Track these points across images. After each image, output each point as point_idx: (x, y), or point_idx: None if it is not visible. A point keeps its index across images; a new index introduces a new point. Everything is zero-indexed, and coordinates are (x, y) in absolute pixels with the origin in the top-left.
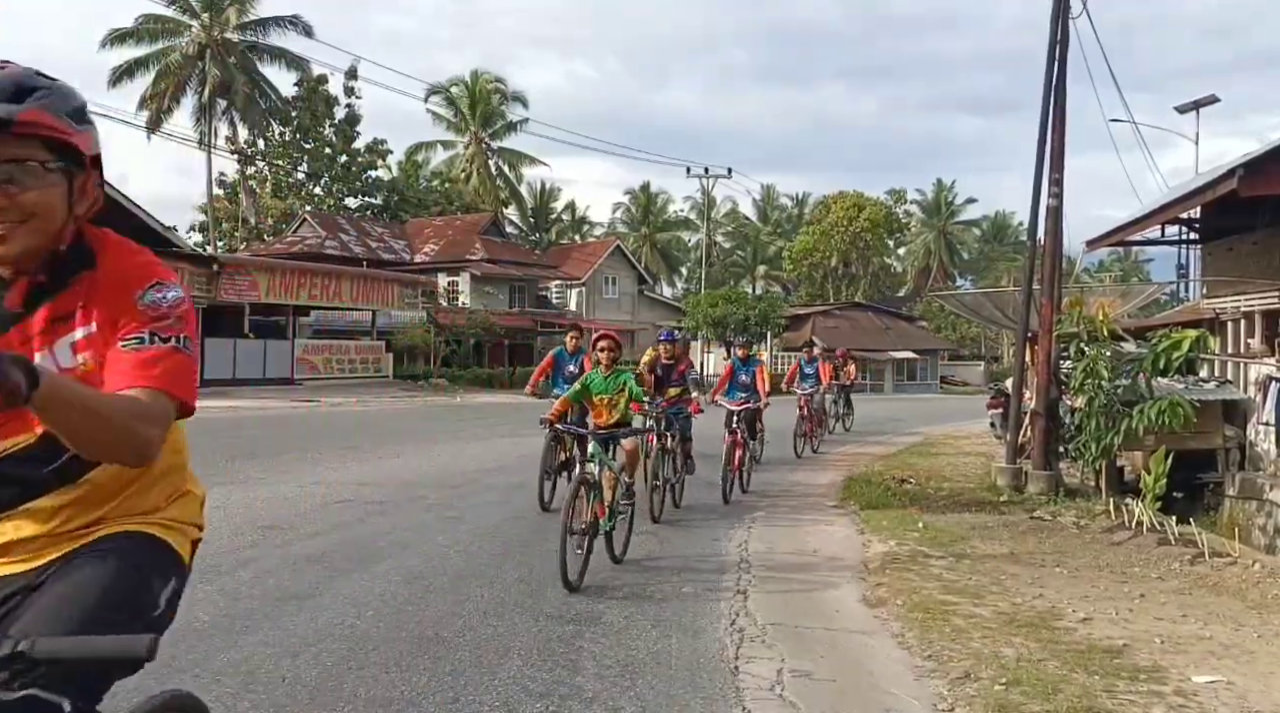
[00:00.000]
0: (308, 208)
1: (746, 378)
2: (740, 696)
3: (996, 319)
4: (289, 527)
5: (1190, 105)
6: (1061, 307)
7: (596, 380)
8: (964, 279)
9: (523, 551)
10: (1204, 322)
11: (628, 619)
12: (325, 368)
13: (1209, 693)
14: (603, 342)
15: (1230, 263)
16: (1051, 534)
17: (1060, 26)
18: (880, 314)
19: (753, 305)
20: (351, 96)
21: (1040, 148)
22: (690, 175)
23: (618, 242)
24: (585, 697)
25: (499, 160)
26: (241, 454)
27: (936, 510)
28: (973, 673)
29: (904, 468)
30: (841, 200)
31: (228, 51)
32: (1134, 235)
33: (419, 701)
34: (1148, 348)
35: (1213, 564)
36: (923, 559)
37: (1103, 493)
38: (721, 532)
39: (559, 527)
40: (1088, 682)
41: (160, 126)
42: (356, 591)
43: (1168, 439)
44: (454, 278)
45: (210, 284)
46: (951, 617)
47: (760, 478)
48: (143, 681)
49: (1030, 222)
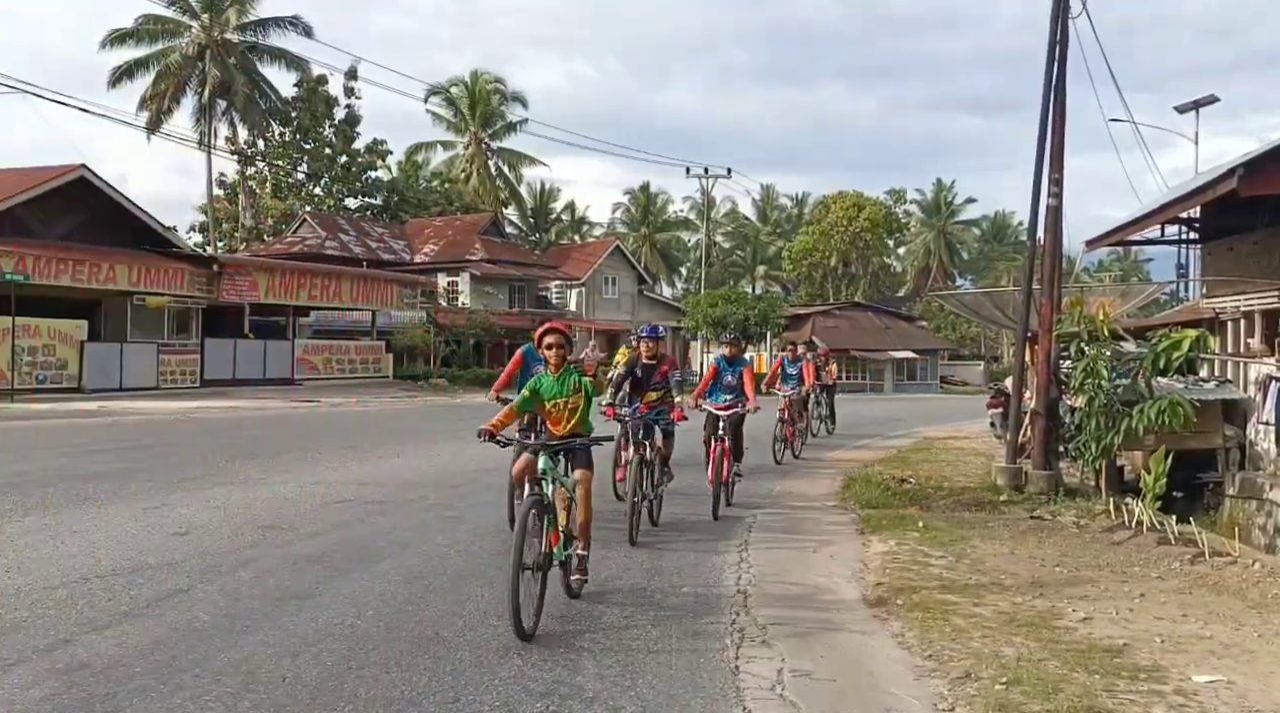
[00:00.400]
0: (308, 208)
1: (732, 379)
2: (740, 695)
3: (996, 319)
4: (289, 527)
5: (1190, 105)
6: (1061, 306)
7: (546, 383)
8: (964, 279)
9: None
10: (1204, 321)
11: (628, 620)
12: (325, 368)
13: (1209, 693)
14: (549, 337)
15: (1230, 262)
16: (1052, 534)
17: (1060, 26)
18: (880, 314)
19: (752, 305)
20: (351, 97)
21: (1040, 147)
22: (690, 175)
23: (617, 242)
24: (586, 697)
25: (499, 160)
26: (241, 454)
27: (937, 510)
28: (973, 673)
29: (904, 468)
30: (841, 200)
31: (228, 52)
32: (1134, 235)
33: (419, 700)
34: (1148, 348)
35: (1213, 564)
36: (923, 559)
37: (1103, 493)
38: (715, 546)
39: None
40: (1088, 681)
41: (160, 127)
42: (357, 590)
43: (1168, 439)
44: (454, 278)
45: (211, 285)
46: (952, 616)
47: (746, 489)
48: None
49: (1030, 221)
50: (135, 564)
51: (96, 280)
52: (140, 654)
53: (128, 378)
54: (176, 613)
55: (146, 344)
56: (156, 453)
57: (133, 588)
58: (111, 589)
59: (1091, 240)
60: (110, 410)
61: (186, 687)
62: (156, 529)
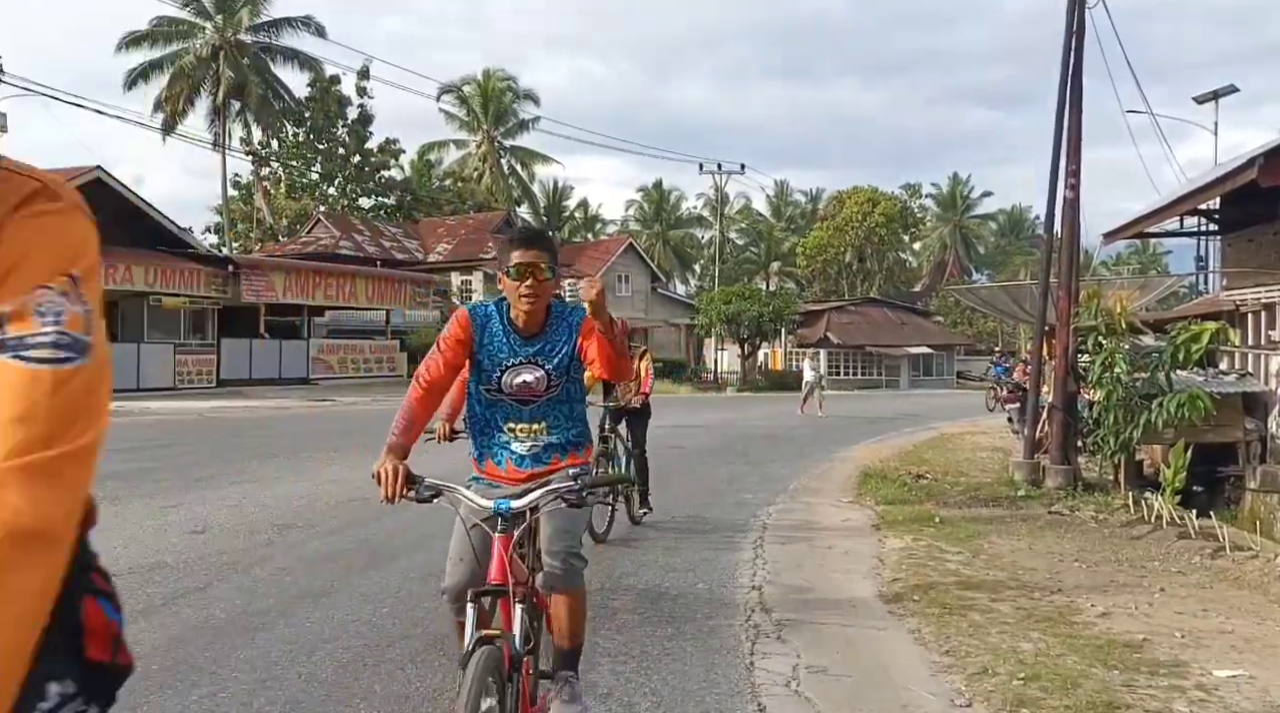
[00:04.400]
0: (321, 208)
1: None
2: (756, 691)
3: (1013, 313)
4: (305, 525)
5: (1209, 95)
6: (1079, 299)
7: None
8: (980, 273)
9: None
10: (1224, 314)
11: (643, 617)
12: (340, 367)
13: (1230, 687)
14: None
15: (1250, 254)
16: (1070, 529)
17: (1077, 16)
18: (895, 310)
19: (766, 302)
20: (364, 96)
21: (1056, 140)
22: (703, 172)
23: (630, 239)
24: (600, 692)
25: (511, 159)
26: (258, 453)
27: (953, 506)
28: (990, 668)
29: (920, 464)
30: (855, 195)
31: (241, 53)
32: (1152, 227)
33: (435, 697)
34: (1166, 341)
35: (1234, 558)
36: (939, 555)
37: (1121, 487)
38: (730, 542)
39: None
40: (1107, 676)
41: (175, 128)
42: (372, 588)
43: (1187, 432)
44: (467, 277)
45: (226, 285)
46: (969, 612)
47: (760, 485)
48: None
49: (1047, 214)
50: (152, 563)
51: (113, 281)
52: (157, 652)
53: (144, 378)
54: (193, 611)
55: (163, 345)
56: (173, 452)
57: (149, 586)
58: (128, 587)
59: (1109, 233)
60: (127, 410)
61: (203, 684)
62: (173, 528)
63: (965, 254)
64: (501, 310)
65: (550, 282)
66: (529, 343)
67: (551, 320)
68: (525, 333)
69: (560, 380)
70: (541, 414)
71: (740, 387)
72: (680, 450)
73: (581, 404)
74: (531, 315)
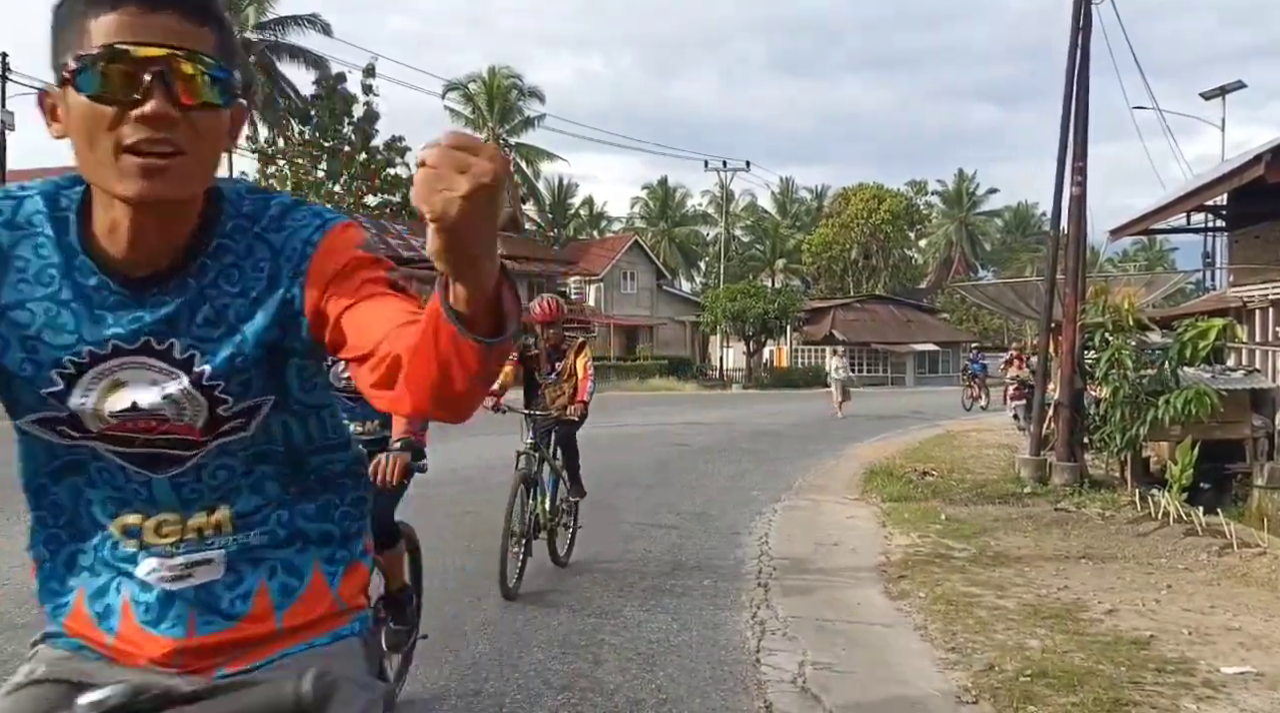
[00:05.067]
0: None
1: None
2: (762, 688)
3: (1019, 310)
4: None
5: (1216, 91)
6: (1085, 296)
7: None
8: (986, 270)
9: (539, 544)
10: (1231, 310)
11: (648, 613)
12: None
13: (1238, 684)
14: None
15: (1258, 250)
16: (1076, 526)
17: (1083, 12)
18: (901, 307)
19: (772, 299)
20: (370, 94)
21: (1063, 136)
22: (709, 169)
23: (636, 237)
24: (607, 689)
25: (516, 156)
26: None
27: (959, 503)
28: (997, 665)
29: (926, 461)
30: (861, 192)
31: (248, 51)
32: (1159, 223)
33: (441, 694)
34: (1173, 337)
35: (1241, 555)
36: (945, 552)
37: (1128, 484)
38: (736, 540)
39: None
40: (1114, 673)
41: None
42: (374, 585)
43: (1194, 429)
44: None
45: None
46: (975, 609)
47: (766, 482)
48: None
49: (1053, 210)
50: None
51: None
52: None
53: None
54: None
55: None
56: None
57: None
58: None
59: (1115, 229)
60: None
61: None
62: None
63: (971, 251)
64: (60, 209)
65: (220, 116)
66: (140, 298)
67: (217, 233)
68: (131, 270)
69: (245, 397)
70: (202, 488)
71: (745, 384)
72: (685, 448)
73: (342, 449)
74: (155, 219)
